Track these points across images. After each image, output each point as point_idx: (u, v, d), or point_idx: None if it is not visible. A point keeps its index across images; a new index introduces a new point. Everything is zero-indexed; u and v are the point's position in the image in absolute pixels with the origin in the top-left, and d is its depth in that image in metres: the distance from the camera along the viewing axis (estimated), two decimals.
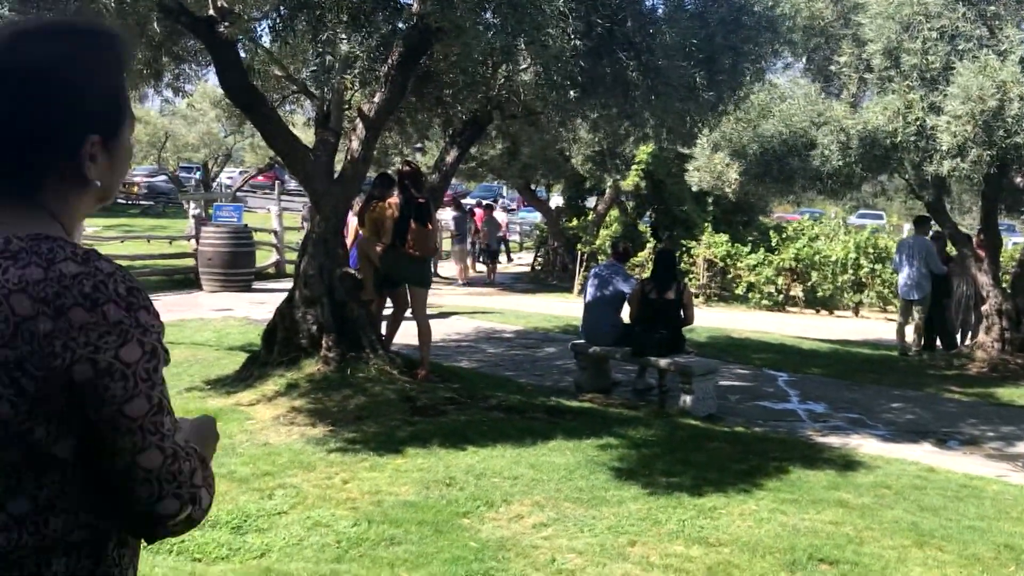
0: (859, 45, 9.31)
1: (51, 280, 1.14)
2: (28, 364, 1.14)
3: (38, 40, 1.23)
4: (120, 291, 1.17)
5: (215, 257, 14.79)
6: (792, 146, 9.44)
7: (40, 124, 1.21)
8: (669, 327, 7.76)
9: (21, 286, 1.14)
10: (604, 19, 6.46)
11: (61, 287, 1.14)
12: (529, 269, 22.26)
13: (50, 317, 1.14)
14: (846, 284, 16.40)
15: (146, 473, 1.21)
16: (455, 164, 8.33)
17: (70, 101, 1.23)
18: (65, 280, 1.15)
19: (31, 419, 1.16)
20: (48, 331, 1.14)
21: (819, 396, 8.44)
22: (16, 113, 1.20)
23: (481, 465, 5.47)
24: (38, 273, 1.14)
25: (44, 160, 1.23)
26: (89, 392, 1.16)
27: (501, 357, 9.93)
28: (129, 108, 1.33)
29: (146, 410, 1.19)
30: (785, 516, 4.81)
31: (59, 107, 1.22)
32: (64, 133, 1.23)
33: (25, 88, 1.20)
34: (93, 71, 1.26)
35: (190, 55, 8.37)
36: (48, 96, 1.21)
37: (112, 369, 1.16)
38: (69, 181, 1.25)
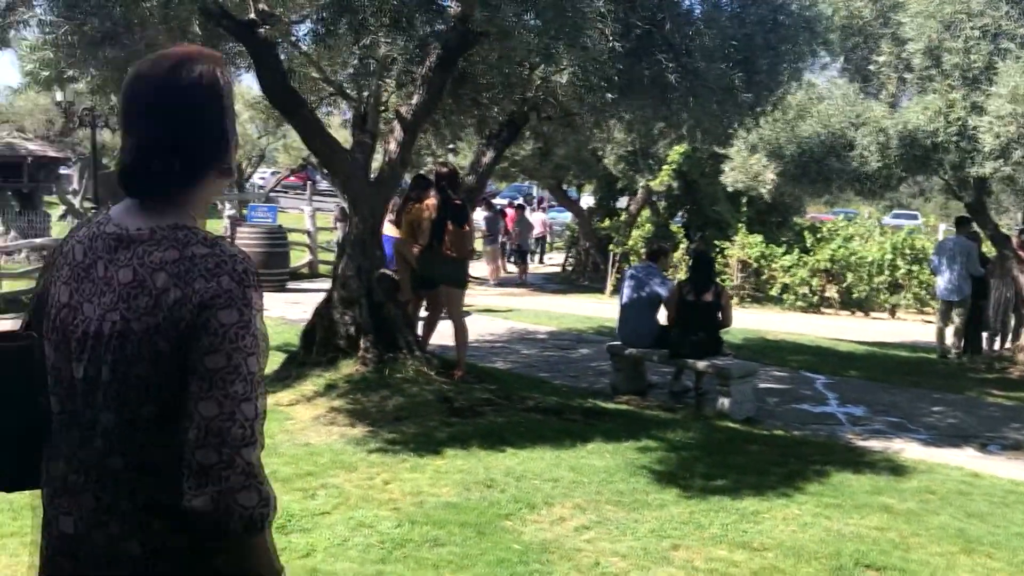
0: (898, 44, 9.21)
1: (184, 259, 1.40)
2: (163, 328, 1.38)
3: (199, 63, 1.47)
4: (236, 268, 1.41)
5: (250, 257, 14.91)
6: (830, 147, 9.35)
7: (218, 132, 1.48)
8: (707, 329, 7.72)
9: (161, 266, 1.40)
10: (643, 20, 6.44)
11: (191, 264, 1.39)
12: (560, 269, 22.24)
13: (179, 288, 1.38)
14: (882, 285, 16.22)
15: (200, 419, 1.35)
16: (492, 165, 8.35)
17: (228, 112, 1.49)
18: (195, 260, 1.40)
19: (166, 377, 1.39)
20: (177, 298, 1.38)
21: (858, 399, 8.36)
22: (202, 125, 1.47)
23: (521, 467, 5.48)
24: (174, 255, 1.40)
25: (210, 163, 1.49)
26: (189, 342, 1.37)
27: (535, 358, 9.93)
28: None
29: (222, 366, 1.36)
30: (829, 521, 4.77)
31: (227, 118, 1.49)
32: (229, 139, 1.50)
33: (209, 103, 1.46)
34: (229, 84, 1.52)
35: (228, 58, 8.45)
36: (222, 108, 1.47)
37: (208, 324, 1.37)
38: (220, 176, 1.52)
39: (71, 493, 1.48)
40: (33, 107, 19.04)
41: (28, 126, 20.04)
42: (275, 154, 28.95)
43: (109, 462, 1.44)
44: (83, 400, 1.45)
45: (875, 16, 9.52)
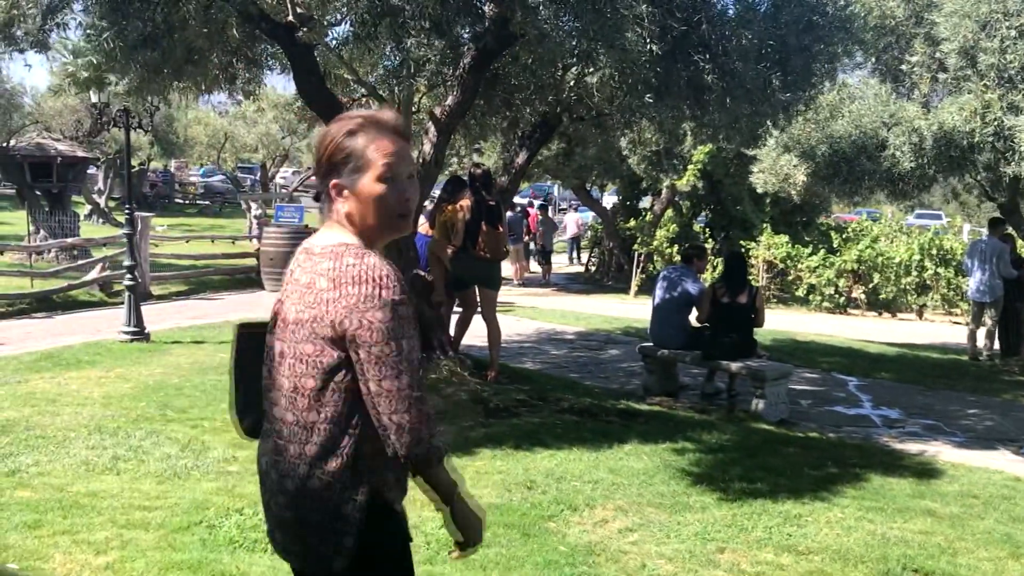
0: (932, 44, 9.15)
1: (337, 268, 1.85)
2: (322, 318, 1.84)
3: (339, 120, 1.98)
4: (376, 276, 1.81)
5: (276, 257, 14.97)
6: (862, 147, 9.31)
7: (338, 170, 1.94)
8: (740, 331, 7.70)
9: (323, 272, 1.86)
10: (679, 22, 6.43)
11: (342, 272, 1.84)
12: (583, 270, 22.23)
13: (335, 289, 1.83)
14: (910, 286, 16.11)
15: (388, 392, 1.81)
16: (524, 166, 8.36)
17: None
18: (346, 268, 1.84)
19: (323, 355, 1.85)
20: (333, 298, 1.83)
21: (892, 401, 8.31)
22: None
23: (560, 468, 5.48)
24: (331, 264, 1.86)
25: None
26: (352, 337, 1.81)
27: (565, 359, 9.93)
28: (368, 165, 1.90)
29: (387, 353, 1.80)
30: (872, 524, 4.75)
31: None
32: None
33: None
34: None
35: (262, 59, 8.51)
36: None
37: (362, 322, 1.80)
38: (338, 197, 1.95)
39: (264, 437, 2.03)
40: (62, 108, 19.20)
41: (55, 126, 20.20)
42: (299, 154, 29.11)
43: (285, 416, 1.92)
44: (275, 368, 1.96)
45: (908, 16, 9.46)
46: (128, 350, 8.98)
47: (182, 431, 5.98)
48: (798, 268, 16.73)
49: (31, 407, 6.51)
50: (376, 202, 1.88)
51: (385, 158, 1.87)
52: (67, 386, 7.27)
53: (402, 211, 1.91)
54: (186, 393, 7.12)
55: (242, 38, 7.10)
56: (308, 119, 9.34)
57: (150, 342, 9.45)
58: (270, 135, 26.16)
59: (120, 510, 4.51)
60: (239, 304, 13.12)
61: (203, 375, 7.79)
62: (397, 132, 1.93)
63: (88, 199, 26.83)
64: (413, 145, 8.40)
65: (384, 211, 1.89)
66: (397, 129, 1.94)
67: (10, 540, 4.06)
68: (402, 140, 1.94)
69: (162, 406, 6.66)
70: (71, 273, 13.58)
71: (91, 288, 13.12)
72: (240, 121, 26.55)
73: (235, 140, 27.43)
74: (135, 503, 4.62)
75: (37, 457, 5.31)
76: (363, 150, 1.88)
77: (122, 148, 24.35)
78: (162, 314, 11.65)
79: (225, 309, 12.60)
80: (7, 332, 10.13)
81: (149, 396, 6.98)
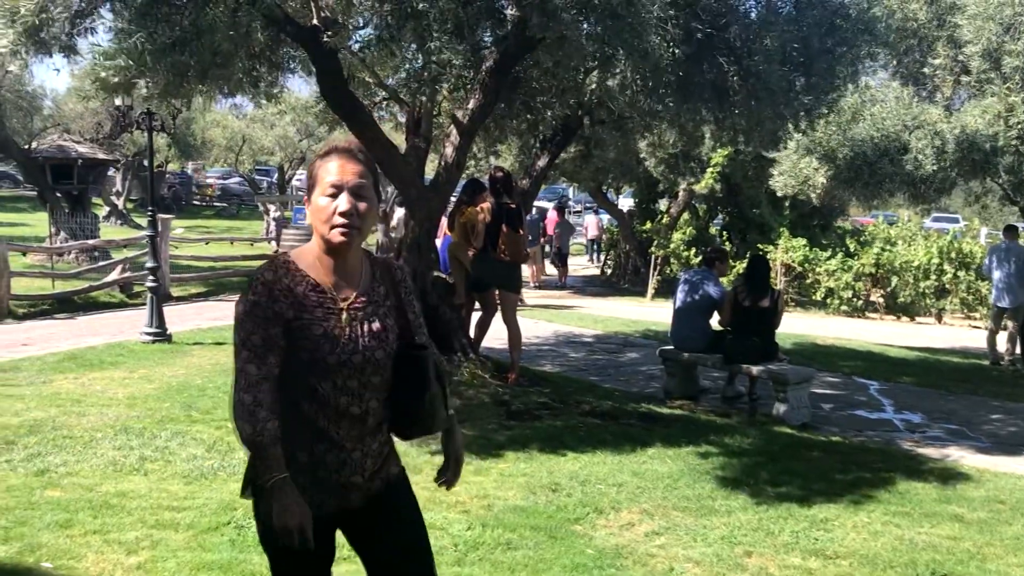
0: (955, 47, 9.12)
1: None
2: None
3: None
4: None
5: None
6: (884, 150, 9.27)
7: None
8: (762, 334, 7.68)
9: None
10: (704, 24, 6.43)
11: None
12: (599, 272, 22.21)
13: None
14: (928, 290, 16.02)
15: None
16: (546, 169, 8.38)
17: None
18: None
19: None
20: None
21: (914, 406, 8.27)
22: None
23: (584, 471, 5.49)
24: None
25: None
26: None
27: (584, 361, 9.93)
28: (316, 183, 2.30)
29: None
30: (899, 529, 4.73)
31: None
32: None
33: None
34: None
35: (285, 62, 8.55)
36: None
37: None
38: None
39: None
40: (83, 110, 19.35)
41: (76, 129, 20.35)
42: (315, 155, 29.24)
43: None
44: None
45: (931, 18, 9.43)
46: (150, 351, 9.04)
47: (207, 432, 6.02)
48: (816, 271, 16.66)
49: (57, 407, 6.56)
50: (315, 215, 2.22)
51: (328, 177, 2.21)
52: (91, 387, 7.33)
53: (332, 224, 2.18)
54: (209, 394, 7.16)
55: (266, 41, 7.13)
56: (329, 122, 9.36)
57: (172, 343, 9.50)
58: (287, 137, 26.28)
59: (149, 510, 4.54)
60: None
61: (225, 376, 7.83)
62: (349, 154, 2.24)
63: (106, 200, 26.99)
64: (434, 148, 8.44)
65: (316, 221, 2.23)
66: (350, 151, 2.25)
67: (42, 539, 4.10)
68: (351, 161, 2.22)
69: (186, 407, 6.71)
70: (92, 274, 13.68)
71: (111, 289, 13.21)
72: (258, 124, 26.68)
73: (252, 142, 27.57)
74: (164, 503, 4.66)
75: (65, 457, 5.36)
76: (316, 172, 2.25)
77: (140, 150, 24.55)
78: (182, 315, 11.72)
79: None
80: (31, 333, 10.21)
81: (173, 397, 7.03)
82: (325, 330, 2.17)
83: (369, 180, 2.23)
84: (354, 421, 2.23)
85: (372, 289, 2.29)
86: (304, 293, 2.18)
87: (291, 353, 2.16)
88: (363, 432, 2.25)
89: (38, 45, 6.53)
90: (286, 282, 2.17)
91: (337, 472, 2.23)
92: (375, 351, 2.22)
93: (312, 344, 2.16)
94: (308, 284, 2.19)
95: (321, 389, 2.18)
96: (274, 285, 2.15)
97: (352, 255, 2.25)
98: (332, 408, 2.19)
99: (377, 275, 2.32)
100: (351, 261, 2.25)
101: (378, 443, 2.30)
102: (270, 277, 2.16)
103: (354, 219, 2.17)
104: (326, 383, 2.18)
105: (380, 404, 2.28)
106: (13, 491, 4.76)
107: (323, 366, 2.17)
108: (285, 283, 2.17)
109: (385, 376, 2.27)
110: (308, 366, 2.17)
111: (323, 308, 2.19)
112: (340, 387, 2.19)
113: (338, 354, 2.17)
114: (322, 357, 2.16)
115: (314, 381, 2.17)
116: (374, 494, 2.32)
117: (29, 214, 26.28)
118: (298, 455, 2.19)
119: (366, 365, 2.21)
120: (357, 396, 2.22)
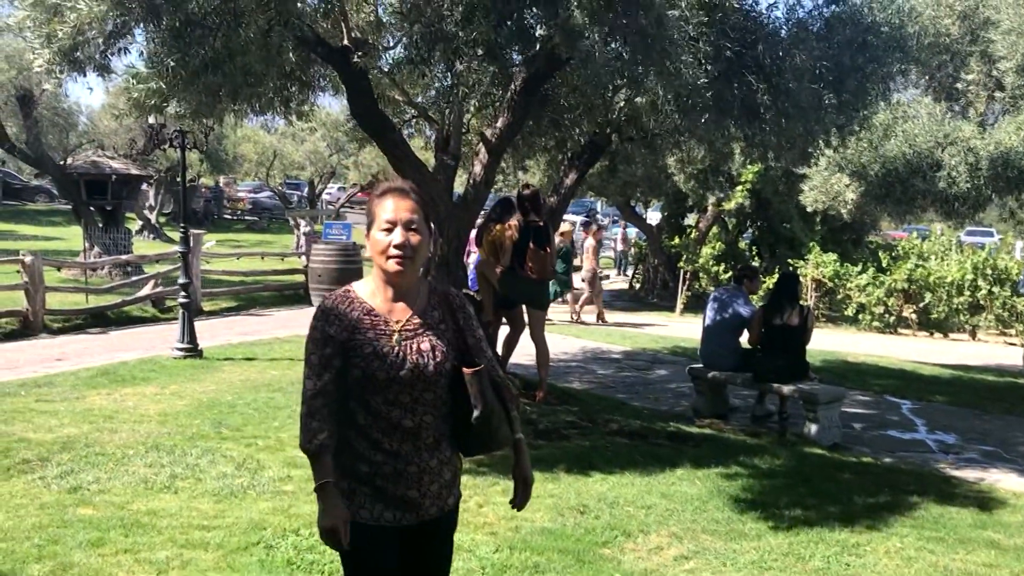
0: (988, 62, 9.00)
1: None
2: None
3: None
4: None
5: (324, 274, 15.14)
6: (916, 167, 9.16)
7: None
8: (792, 353, 7.61)
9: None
10: (734, 43, 6.41)
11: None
12: (627, 287, 22.14)
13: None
14: (962, 306, 15.80)
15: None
16: (574, 187, 8.38)
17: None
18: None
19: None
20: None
21: (948, 426, 8.15)
22: None
23: (612, 493, 5.46)
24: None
25: None
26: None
27: (612, 379, 9.89)
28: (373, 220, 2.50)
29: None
30: (934, 556, 4.66)
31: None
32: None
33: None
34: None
35: (315, 81, 8.63)
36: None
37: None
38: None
39: None
40: (117, 127, 19.66)
41: (110, 145, 20.67)
42: (345, 171, 29.47)
43: None
44: None
45: (963, 34, 9.31)
46: (182, 366, 9.12)
47: (237, 449, 6.06)
48: (847, 287, 16.50)
49: (90, 423, 6.64)
50: (373, 248, 2.44)
51: (383, 215, 2.42)
52: (124, 402, 7.41)
53: (387, 255, 2.40)
54: (239, 411, 7.21)
55: (298, 62, 7.21)
56: (359, 139, 9.43)
57: (202, 358, 9.59)
58: (318, 153, 26.51)
59: (179, 529, 4.58)
60: (288, 320, 13.26)
61: (255, 392, 7.90)
62: (403, 192, 2.45)
63: (139, 215, 27.35)
64: (463, 165, 8.47)
65: (374, 253, 2.44)
66: (403, 190, 2.45)
67: (75, 558, 4.14)
68: (404, 199, 2.43)
69: (217, 423, 6.76)
70: (125, 289, 13.85)
71: (144, 304, 13.36)
72: (288, 139, 26.96)
73: (283, 157, 27.84)
74: (193, 522, 4.69)
75: (97, 474, 5.42)
76: (374, 209, 2.45)
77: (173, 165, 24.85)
78: (213, 330, 11.83)
79: (274, 326, 12.75)
80: (65, 348, 10.35)
81: (204, 413, 7.08)
82: (375, 349, 2.38)
83: (420, 215, 2.43)
84: (407, 434, 2.40)
85: (426, 313, 2.48)
86: (358, 317, 2.41)
87: (348, 370, 2.39)
88: (418, 446, 2.42)
89: (73, 64, 6.65)
90: (342, 308, 2.42)
91: (393, 484, 2.40)
92: (425, 368, 2.40)
93: (364, 361, 2.37)
94: (363, 309, 2.43)
95: (374, 403, 2.39)
96: (331, 312, 2.41)
97: (408, 283, 2.46)
98: (385, 420, 2.39)
99: (433, 301, 2.51)
100: (407, 288, 2.46)
101: (437, 461, 2.45)
102: (328, 305, 2.43)
103: (407, 250, 2.39)
104: (378, 397, 2.38)
105: (436, 419, 2.45)
106: (46, 508, 4.81)
107: (374, 381, 2.37)
108: (341, 309, 2.42)
109: (439, 393, 2.45)
110: (362, 382, 2.38)
111: (375, 330, 2.41)
112: (392, 401, 2.39)
113: (387, 370, 2.37)
114: (372, 373, 2.36)
115: (368, 395, 2.39)
116: (427, 519, 2.45)
117: (64, 228, 26.69)
118: (359, 466, 2.41)
119: (416, 381, 2.39)
120: (409, 410, 2.40)
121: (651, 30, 5.71)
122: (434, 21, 5.91)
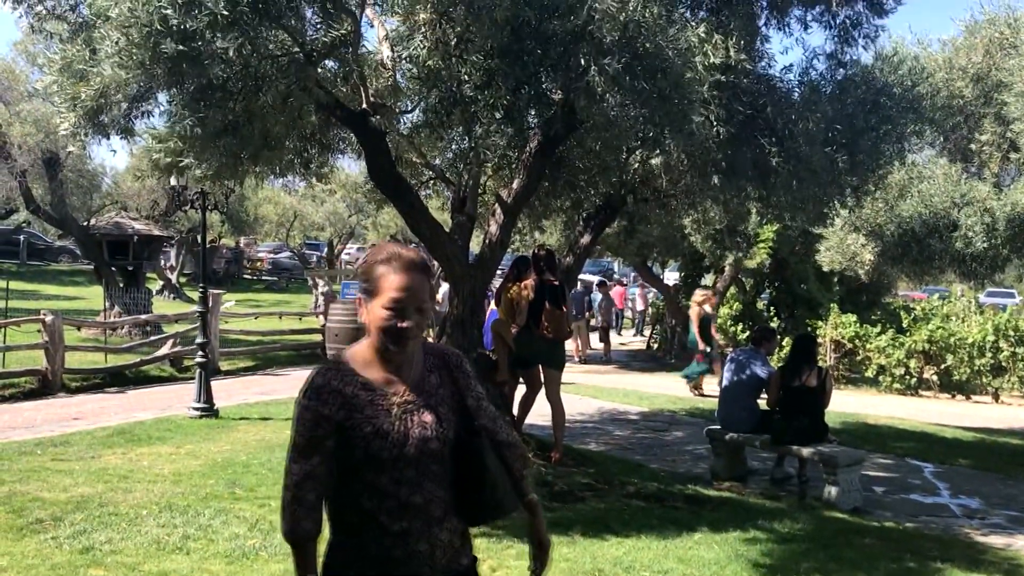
0: (1002, 124, 9.04)
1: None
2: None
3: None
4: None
5: (341, 332, 15.18)
6: (933, 227, 9.17)
7: None
8: (811, 415, 7.53)
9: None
10: (745, 106, 6.48)
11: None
12: (644, 347, 22.05)
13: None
14: (984, 368, 15.60)
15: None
16: (589, 247, 8.41)
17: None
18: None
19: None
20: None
21: (972, 490, 8.00)
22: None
23: (628, 557, 5.37)
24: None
25: None
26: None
27: (629, 440, 9.80)
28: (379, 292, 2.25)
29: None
30: None
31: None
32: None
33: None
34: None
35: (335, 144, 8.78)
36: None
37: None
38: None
39: None
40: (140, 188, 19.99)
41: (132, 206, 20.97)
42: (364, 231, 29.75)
43: None
44: None
45: (977, 95, 9.38)
46: (197, 426, 9.12)
47: (250, 510, 6.02)
48: (867, 348, 16.35)
49: (104, 483, 6.63)
50: (374, 322, 2.24)
51: (392, 291, 2.21)
52: (139, 462, 7.40)
53: (391, 335, 2.23)
54: (253, 471, 7.19)
55: (318, 124, 7.34)
56: (378, 200, 9.54)
57: (218, 418, 9.59)
58: (337, 213, 26.81)
59: None
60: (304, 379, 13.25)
61: (270, 452, 7.87)
62: (415, 267, 2.24)
63: (160, 275, 27.63)
64: (479, 225, 8.55)
65: (374, 326, 2.25)
66: (416, 265, 2.25)
67: None
68: (417, 275, 2.24)
69: (230, 484, 6.73)
70: (144, 348, 13.94)
71: (162, 363, 13.43)
72: (308, 200, 27.31)
73: (303, 218, 28.17)
74: None
75: (110, 535, 5.39)
76: (379, 279, 2.23)
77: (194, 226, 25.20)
78: (230, 389, 11.85)
79: (291, 385, 12.74)
80: (82, 407, 10.39)
81: (218, 473, 7.06)
82: (375, 427, 2.21)
83: (427, 288, 2.28)
84: (417, 511, 2.23)
85: (424, 380, 2.32)
86: (354, 393, 2.23)
87: (346, 451, 2.21)
88: (429, 522, 2.25)
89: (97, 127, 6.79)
90: (335, 384, 2.23)
91: (404, 565, 2.23)
92: (428, 442, 2.25)
93: (364, 442, 2.20)
94: (358, 384, 2.25)
95: (379, 483, 2.21)
96: (323, 389, 2.22)
97: (409, 356, 2.31)
98: (393, 500, 2.22)
99: (429, 364, 2.36)
100: (406, 356, 2.30)
101: (447, 533, 2.28)
102: (320, 382, 2.23)
103: (413, 331, 2.25)
104: (383, 476, 2.21)
105: (445, 491, 2.28)
106: (57, 569, 4.79)
107: (377, 462, 2.21)
108: (334, 386, 2.23)
109: (445, 464, 2.29)
110: (363, 463, 2.21)
111: (373, 406, 2.24)
112: (398, 479, 2.22)
113: (390, 448, 2.21)
114: (375, 453, 2.20)
115: (371, 476, 2.21)
116: None
117: (85, 288, 26.97)
118: (369, 547, 2.23)
119: (421, 456, 2.24)
120: (417, 485, 2.23)
121: (669, 92, 5.79)
122: (452, 86, 6.02)
